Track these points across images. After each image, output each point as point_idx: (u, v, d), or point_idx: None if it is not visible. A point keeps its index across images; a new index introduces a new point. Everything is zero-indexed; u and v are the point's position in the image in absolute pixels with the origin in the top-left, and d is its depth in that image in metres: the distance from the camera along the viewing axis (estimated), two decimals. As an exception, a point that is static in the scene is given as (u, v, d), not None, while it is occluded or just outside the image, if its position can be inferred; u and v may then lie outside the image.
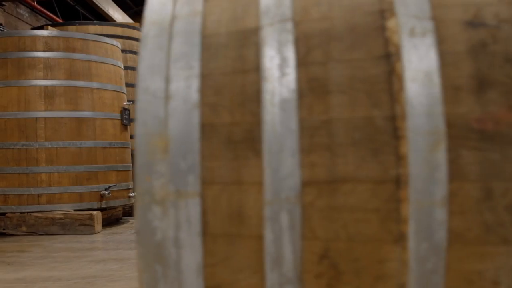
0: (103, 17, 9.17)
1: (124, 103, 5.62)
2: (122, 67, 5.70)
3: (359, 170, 0.68)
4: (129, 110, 5.66)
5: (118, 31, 7.09)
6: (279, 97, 0.71)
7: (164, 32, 0.77)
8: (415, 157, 0.66)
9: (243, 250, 0.71)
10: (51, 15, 7.82)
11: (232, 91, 0.72)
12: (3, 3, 7.42)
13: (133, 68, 7.26)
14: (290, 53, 0.72)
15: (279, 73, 0.72)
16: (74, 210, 4.99)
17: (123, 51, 6.41)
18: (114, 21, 8.96)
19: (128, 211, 6.20)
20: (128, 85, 6.35)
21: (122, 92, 5.61)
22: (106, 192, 5.13)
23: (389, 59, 0.69)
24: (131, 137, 6.45)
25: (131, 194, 5.69)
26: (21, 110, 4.97)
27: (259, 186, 0.70)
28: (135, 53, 7.34)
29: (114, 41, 5.60)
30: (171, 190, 0.71)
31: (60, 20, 8.01)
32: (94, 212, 4.94)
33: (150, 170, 0.72)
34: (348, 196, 0.68)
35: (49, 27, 5.92)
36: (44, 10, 7.70)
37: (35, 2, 7.51)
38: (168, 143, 0.72)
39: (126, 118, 5.60)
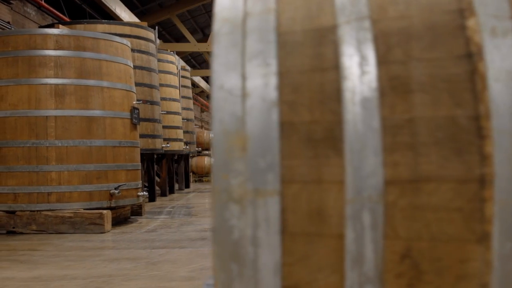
0: (110, 16, 9.16)
1: (134, 102, 5.61)
2: (132, 66, 5.69)
3: (442, 169, 0.68)
4: (138, 109, 5.65)
5: (126, 30, 7.09)
6: (360, 96, 0.70)
7: (237, 29, 0.76)
8: (500, 156, 0.66)
9: (322, 249, 0.70)
10: (58, 13, 7.81)
11: (311, 89, 0.72)
12: (11, 1, 7.40)
13: (141, 68, 7.25)
14: (370, 52, 0.72)
15: (359, 71, 0.71)
16: (84, 209, 4.98)
17: (131, 50, 6.38)
18: (121, 20, 8.95)
19: (136, 211, 6.20)
20: (137, 84, 6.34)
21: (132, 91, 5.60)
22: (116, 191, 5.13)
23: (471, 58, 0.69)
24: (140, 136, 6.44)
25: (140, 194, 5.69)
26: (32, 108, 4.96)
27: (340, 185, 0.70)
28: (143, 52, 7.33)
29: (124, 40, 5.60)
30: (250, 188, 0.71)
31: (67, 19, 8.00)
32: (104, 211, 4.93)
33: (228, 168, 0.71)
34: (431, 195, 0.68)
35: (60, 25, 5.90)
36: (51, 9, 7.69)
37: (43, 1, 7.51)
38: (246, 141, 0.71)
39: (136, 117, 5.59)
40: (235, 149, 0.71)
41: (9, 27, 7.06)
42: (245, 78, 0.73)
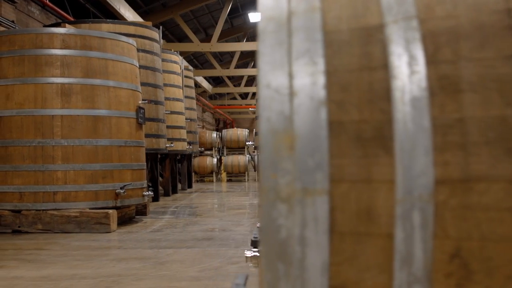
0: (113, 16, 9.15)
1: (140, 101, 5.60)
2: (138, 65, 5.69)
3: (493, 169, 0.68)
4: (144, 109, 5.65)
5: (131, 29, 7.08)
6: (409, 95, 0.70)
7: (282, 28, 0.76)
8: (552, 156, 0.66)
9: (371, 249, 0.70)
10: (62, 12, 7.81)
11: (359, 88, 0.72)
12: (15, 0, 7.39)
13: (146, 67, 7.24)
14: (418, 51, 0.72)
15: (408, 70, 0.71)
16: (89, 209, 4.98)
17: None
18: (125, 19, 8.94)
19: (141, 210, 6.19)
20: (141, 84, 6.32)
21: (138, 91, 5.60)
22: (122, 191, 5.12)
23: (521, 58, 0.69)
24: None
25: (145, 193, 5.68)
26: (38, 107, 4.95)
27: (389, 184, 0.70)
28: (147, 52, 7.32)
29: (130, 40, 5.59)
30: (298, 187, 0.70)
31: (71, 18, 7.99)
32: (110, 211, 4.93)
33: (276, 168, 0.71)
34: (482, 195, 0.68)
35: (66, 25, 5.90)
36: (55, 8, 7.68)
37: (47, 0, 7.49)
38: (294, 140, 0.71)
39: (141, 117, 5.59)
40: (283, 148, 0.71)
41: (13, 26, 7.05)
42: (292, 77, 0.73)
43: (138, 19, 9.89)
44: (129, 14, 9.28)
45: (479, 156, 0.68)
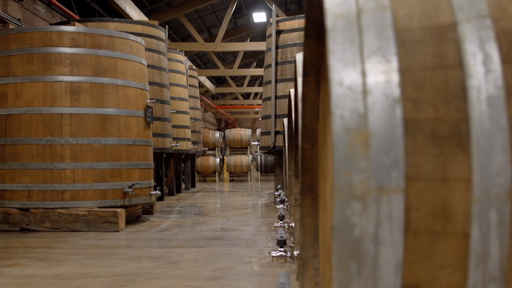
0: (119, 15, 9.13)
1: (148, 101, 5.59)
2: (146, 64, 5.68)
3: None
4: (152, 108, 5.63)
5: (138, 28, 7.07)
6: (486, 94, 0.71)
7: (352, 26, 0.76)
8: None
9: (445, 248, 0.70)
10: (68, 11, 7.79)
11: (434, 86, 0.72)
12: (22, -2, 7.37)
13: (152, 66, 7.23)
14: (493, 50, 0.72)
15: (483, 69, 0.72)
16: (97, 207, 4.96)
17: (144, 48, 6.36)
18: (131, 18, 8.92)
19: (148, 209, 6.18)
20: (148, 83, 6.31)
21: (146, 90, 5.59)
22: (130, 190, 5.11)
23: None
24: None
25: (152, 192, 5.67)
26: (47, 105, 4.94)
27: (466, 183, 0.70)
28: (153, 51, 7.31)
29: (139, 38, 5.58)
30: (373, 185, 0.70)
31: (76, 17, 7.97)
32: (119, 210, 4.92)
33: (350, 166, 0.71)
34: (561, 194, 0.68)
35: (76, 23, 5.88)
36: (61, 6, 7.66)
37: (53, -2, 7.48)
38: (369, 138, 0.71)
39: (150, 116, 5.58)
40: (357, 146, 0.71)
41: (20, 24, 7.03)
42: (365, 75, 0.73)
43: (144, 18, 9.87)
44: (135, 13, 9.27)
45: (557, 155, 0.68)
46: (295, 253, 1.79)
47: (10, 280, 3.07)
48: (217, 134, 14.43)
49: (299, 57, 1.80)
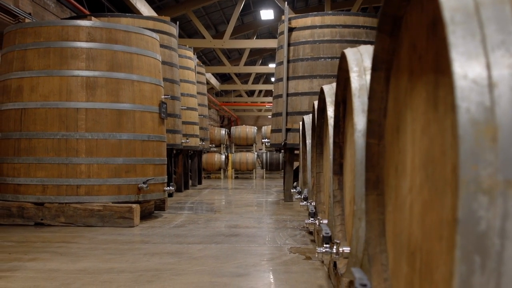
0: (129, 10, 9.09)
1: (162, 96, 5.57)
2: (161, 60, 5.66)
3: None
4: (166, 104, 5.62)
5: (149, 24, 7.04)
6: None
7: (472, 19, 0.76)
8: None
9: None
10: (78, 5, 7.76)
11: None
12: (33, -9, 7.33)
13: (164, 62, 7.20)
14: None
15: None
16: (112, 203, 4.95)
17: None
18: (141, 14, 8.89)
19: (159, 205, 6.16)
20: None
21: (161, 86, 5.57)
22: (144, 186, 5.10)
23: None
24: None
25: (166, 188, 5.65)
26: (62, 100, 4.92)
27: None
28: (165, 47, 7.29)
29: (154, 34, 5.56)
30: (500, 179, 0.70)
31: (86, 12, 7.94)
32: (134, 205, 4.91)
33: (477, 159, 0.71)
34: None
35: (92, 17, 5.86)
36: (71, 1, 7.63)
37: (64, -8, 7.44)
38: (496, 131, 0.71)
39: (164, 112, 5.56)
40: (484, 139, 0.71)
41: (30, 19, 7.00)
42: (489, 68, 0.73)
43: (153, 14, 9.85)
44: (145, 9, 9.24)
45: None
46: (341, 249, 1.79)
47: (34, 274, 3.06)
48: (223, 131, 14.44)
49: (350, 52, 1.79)
